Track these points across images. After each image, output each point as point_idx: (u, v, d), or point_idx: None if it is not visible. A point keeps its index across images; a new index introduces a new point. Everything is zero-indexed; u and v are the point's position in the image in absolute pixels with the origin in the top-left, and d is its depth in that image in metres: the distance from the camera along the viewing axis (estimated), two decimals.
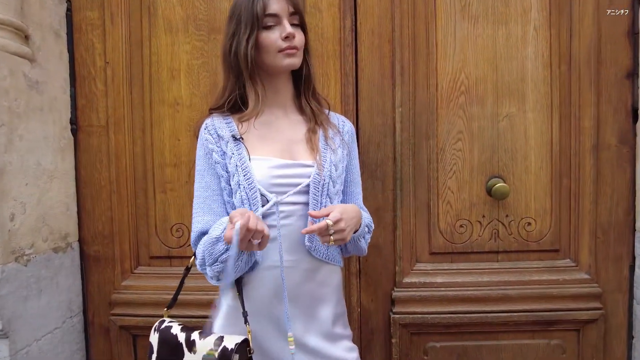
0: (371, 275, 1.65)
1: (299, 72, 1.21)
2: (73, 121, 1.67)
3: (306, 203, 1.14)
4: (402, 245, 1.63)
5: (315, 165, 1.15)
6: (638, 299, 1.58)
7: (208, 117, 1.21)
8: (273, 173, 1.12)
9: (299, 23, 1.16)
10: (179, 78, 1.66)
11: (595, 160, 1.59)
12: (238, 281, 1.12)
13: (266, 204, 1.09)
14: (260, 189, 1.10)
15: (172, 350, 1.10)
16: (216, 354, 1.02)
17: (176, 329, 1.14)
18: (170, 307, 1.24)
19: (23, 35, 1.45)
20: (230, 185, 1.13)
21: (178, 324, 1.16)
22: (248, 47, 1.11)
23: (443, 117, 1.62)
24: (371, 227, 1.28)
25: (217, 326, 1.17)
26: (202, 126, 1.19)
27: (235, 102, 1.18)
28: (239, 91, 1.17)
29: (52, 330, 1.54)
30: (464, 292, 1.61)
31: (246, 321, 1.07)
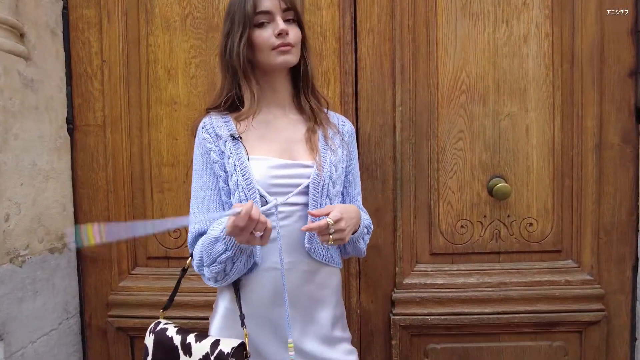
0: (371, 276, 1.64)
1: (298, 70, 1.19)
2: (69, 120, 1.65)
3: (305, 204, 1.12)
4: (403, 246, 1.61)
5: (314, 165, 1.13)
6: None
7: (206, 116, 1.19)
8: (272, 173, 1.10)
9: (294, 19, 1.14)
10: (177, 77, 1.64)
11: (597, 159, 1.57)
12: (236, 283, 1.10)
13: (265, 205, 1.08)
14: (259, 190, 1.08)
15: (168, 353, 1.08)
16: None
17: (172, 331, 1.12)
18: (166, 309, 1.22)
19: (18, 33, 1.43)
20: (228, 185, 1.11)
21: (174, 326, 1.15)
22: (240, 46, 1.10)
23: (444, 116, 1.60)
24: (370, 229, 1.26)
25: (214, 329, 1.15)
26: (200, 125, 1.18)
27: (232, 102, 1.17)
28: (236, 90, 1.15)
29: (48, 332, 1.52)
30: (465, 294, 1.59)
31: (243, 324, 1.06)
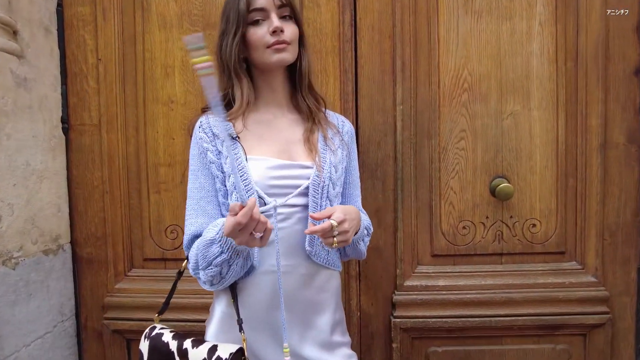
0: (371, 278, 1.61)
1: (296, 68, 1.17)
2: (64, 120, 1.63)
3: (305, 205, 1.09)
4: (403, 247, 1.59)
5: (314, 166, 1.11)
6: None
7: (202, 115, 1.17)
8: (271, 174, 1.08)
9: (291, 15, 1.11)
10: (173, 75, 1.61)
11: (602, 159, 1.55)
12: (233, 287, 1.08)
13: (264, 206, 1.05)
14: (257, 191, 1.06)
15: (164, 359, 1.05)
16: None
17: (167, 337, 1.09)
18: (161, 313, 1.20)
19: (11, 30, 1.40)
20: (225, 186, 1.09)
21: (170, 331, 1.12)
22: (233, 45, 1.08)
23: (445, 115, 1.58)
24: (370, 230, 1.24)
25: (211, 334, 1.13)
26: (197, 124, 1.16)
27: (229, 101, 1.14)
28: (231, 89, 1.13)
29: (43, 335, 1.50)
30: (467, 296, 1.57)
31: (241, 329, 1.03)
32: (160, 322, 1.20)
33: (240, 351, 1.00)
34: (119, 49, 1.61)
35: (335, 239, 0.99)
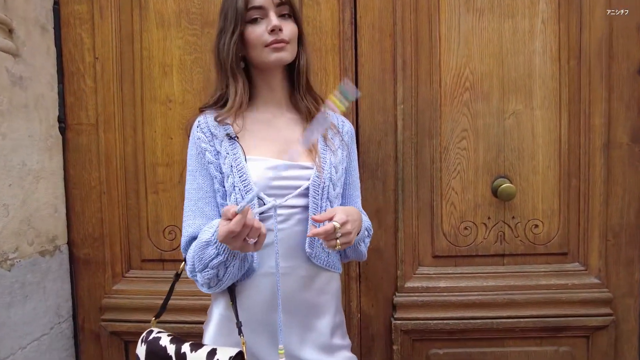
0: (372, 279, 1.59)
1: (295, 67, 1.15)
2: (61, 119, 1.61)
3: (305, 206, 1.08)
4: (404, 248, 1.57)
5: (314, 167, 1.09)
6: None
7: (201, 115, 1.15)
8: (270, 174, 1.06)
9: (290, 14, 1.10)
10: (171, 74, 1.59)
11: (605, 159, 1.53)
12: (231, 289, 1.06)
13: (263, 206, 1.03)
14: (258, 194, 1.04)
15: None
16: None
17: (165, 340, 1.08)
18: (158, 316, 1.18)
19: (6, 29, 1.38)
20: (224, 187, 1.08)
21: (167, 335, 1.10)
22: (231, 43, 1.07)
23: (447, 115, 1.56)
24: (370, 231, 1.23)
25: (209, 337, 1.11)
26: (195, 124, 1.14)
27: (226, 101, 1.12)
28: (227, 89, 1.12)
29: (39, 337, 1.48)
30: (469, 297, 1.55)
31: (240, 332, 1.02)
32: (157, 326, 1.18)
33: (240, 355, 0.98)
34: (117, 48, 1.59)
35: (338, 241, 0.98)
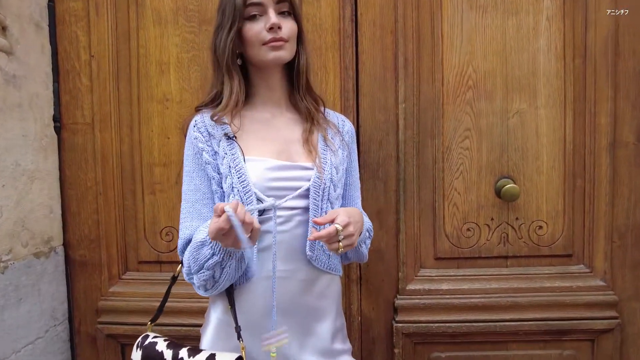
0: (372, 282, 1.57)
1: (294, 66, 1.13)
2: (56, 118, 1.58)
3: (305, 208, 1.06)
4: (406, 250, 1.54)
5: (314, 168, 1.07)
6: None
7: (198, 114, 1.13)
8: (270, 175, 1.04)
9: (289, 11, 1.07)
10: (169, 72, 1.57)
11: (611, 159, 1.50)
12: (230, 293, 1.04)
13: (261, 204, 1.01)
14: (256, 193, 1.02)
15: None
16: None
17: (162, 345, 1.05)
18: (154, 320, 1.16)
19: (0, 26, 1.35)
20: (222, 188, 1.05)
21: (164, 339, 1.08)
22: (228, 40, 1.04)
23: (449, 114, 1.53)
24: (371, 232, 1.21)
25: (206, 341, 1.09)
26: (191, 123, 1.12)
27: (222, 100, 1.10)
28: (222, 87, 1.10)
29: (34, 340, 1.45)
30: (471, 300, 1.53)
31: (239, 337, 0.99)
32: (153, 330, 1.16)
33: None
34: (113, 46, 1.56)
35: (340, 244, 0.96)
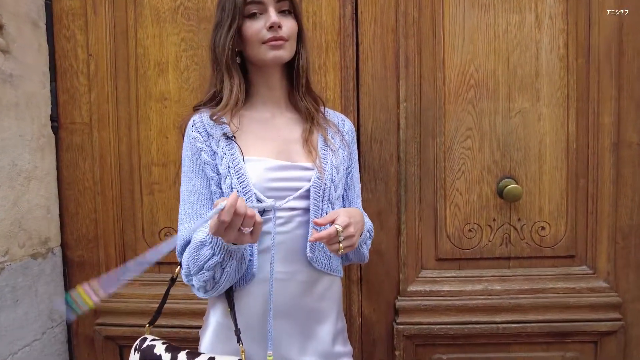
0: (373, 283, 1.55)
1: (294, 65, 1.11)
2: (54, 118, 1.57)
3: (306, 209, 1.05)
4: (407, 250, 1.53)
5: (315, 168, 1.06)
6: None
7: (196, 114, 1.12)
8: (270, 176, 1.03)
9: (290, 10, 1.06)
10: (167, 71, 1.55)
11: (615, 159, 1.48)
12: (229, 295, 1.03)
13: (261, 204, 0.99)
14: (255, 193, 1.01)
15: None
16: None
17: (160, 349, 1.04)
18: (152, 323, 1.14)
19: None
20: (221, 188, 1.04)
21: (162, 342, 1.06)
22: (227, 38, 1.03)
23: (451, 113, 1.51)
24: (372, 233, 1.20)
25: (205, 344, 1.08)
26: (189, 123, 1.10)
27: (222, 98, 1.09)
28: (221, 86, 1.08)
29: (31, 342, 1.44)
30: (473, 301, 1.51)
31: (239, 340, 0.98)
32: (151, 332, 1.14)
33: None
34: (111, 44, 1.55)
35: (341, 245, 0.94)
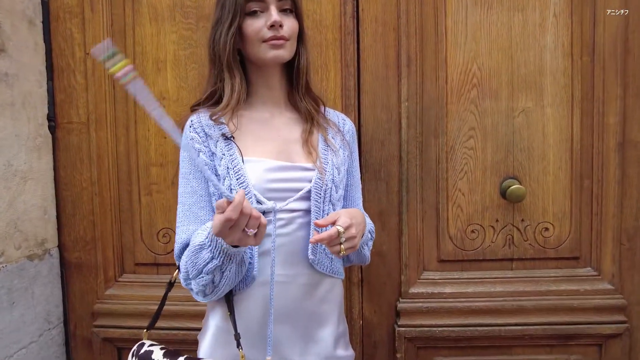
0: (374, 285, 1.53)
1: (294, 64, 1.09)
2: (51, 117, 1.55)
3: (306, 210, 1.03)
4: (408, 252, 1.51)
5: (315, 169, 1.04)
6: None
7: (194, 114, 1.09)
8: (269, 176, 1.01)
9: (291, 8, 1.04)
10: (165, 70, 1.53)
11: (620, 159, 1.46)
12: (229, 299, 1.00)
13: (260, 206, 0.98)
14: (255, 195, 0.99)
15: None
16: None
17: (158, 354, 1.02)
18: (150, 328, 1.12)
19: None
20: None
21: (160, 348, 1.04)
22: (228, 36, 1.01)
23: (453, 113, 1.49)
24: (373, 234, 1.19)
25: (204, 349, 1.06)
26: (187, 123, 1.08)
27: (220, 98, 1.07)
28: (221, 84, 1.06)
29: (27, 344, 1.42)
30: (475, 303, 1.49)
31: (239, 345, 0.96)
32: (150, 335, 1.12)
33: None
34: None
35: (342, 246, 0.93)
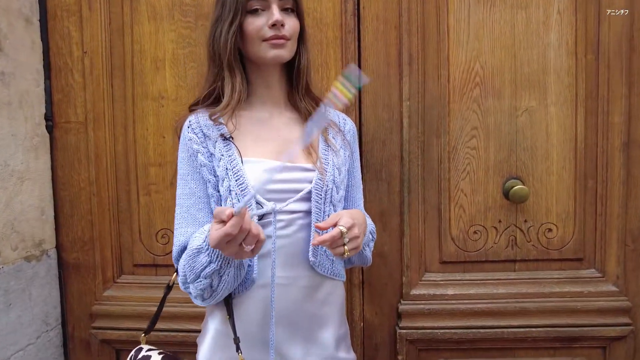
0: (375, 286, 1.52)
1: (294, 64, 1.08)
2: (48, 117, 1.53)
3: (307, 211, 1.01)
4: (410, 253, 1.49)
5: (316, 169, 1.03)
6: None
7: (192, 114, 1.08)
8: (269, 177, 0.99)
9: (293, 8, 1.02)
10: (164, 69, 1.51)
11: (625, 159, 1.44)
12: (228, 302, 0.99)
13: (261, 209, 0.96)
14: (255, 196, 0.96)
15: None
16: None
17: (156, 359, 1.00)
18: (148, 332, 1.11)
19: None
20: (219, 191, 1.00)
21: (158, 353, 1.04)
22: (229, 34, 0.99)
23: (455, 112, 1.48)
24: (374, 235, 1.18)
25: (203, 353, 1.04)
26: (185, 124, 1.07)
27: (219, 97, 1.06)
28: (221, 83, 1.04)
29: (25, 346, 1.41)
30: (478, 305, 1.48)
31: (238, 349, 0.95)
32: (149, 338, 1.11)
33: None
34: (106, 41, 1.51)
35: (345, 247, 0.91)
